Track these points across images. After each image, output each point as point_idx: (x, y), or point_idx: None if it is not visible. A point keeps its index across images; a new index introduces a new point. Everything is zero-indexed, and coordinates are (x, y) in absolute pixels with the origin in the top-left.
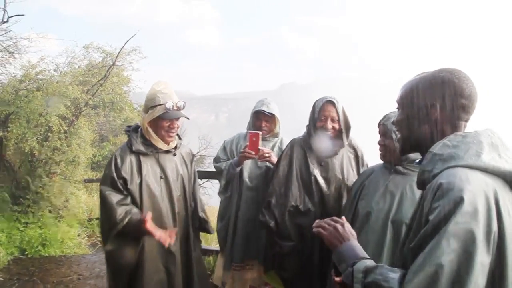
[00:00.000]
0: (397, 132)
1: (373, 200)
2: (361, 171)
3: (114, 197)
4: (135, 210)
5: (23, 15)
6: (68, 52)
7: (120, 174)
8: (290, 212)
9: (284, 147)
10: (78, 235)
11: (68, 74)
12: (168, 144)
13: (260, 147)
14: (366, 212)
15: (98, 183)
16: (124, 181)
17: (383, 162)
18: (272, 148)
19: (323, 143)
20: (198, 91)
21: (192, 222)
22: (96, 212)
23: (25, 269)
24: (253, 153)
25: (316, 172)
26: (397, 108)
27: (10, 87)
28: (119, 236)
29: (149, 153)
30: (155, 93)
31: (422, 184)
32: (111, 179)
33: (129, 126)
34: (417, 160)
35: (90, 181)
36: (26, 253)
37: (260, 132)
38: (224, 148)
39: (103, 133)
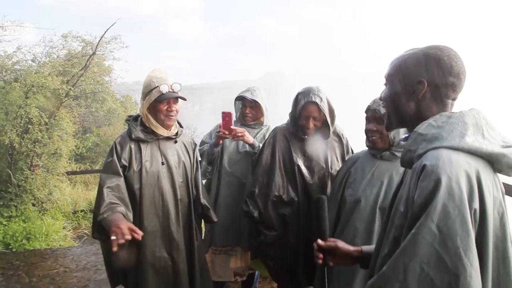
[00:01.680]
0: (383, 109)
1: (360, 188)
2: (347, 158)
3: (109, 187)
4: (119, 208)
5: None
6: (46, 42)
7: (120, 161)
8: (273, 201)
9: None
10: (63, 228)
11: (46, 64)
12: (169, 130)
13: (232, 127)
14: (354, 200)
15: (82, 175)
16: (124, 168)
17: (368, 148)
18: (257, 137)
19: (316, 146)
20: (181, 81)
21: (194, 209)
22: (81, 205)
23: (10, 263)
24: (227, 132)
25: (300, 162)
26: (384, 84)
27: None
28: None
29: (149, 140)
30: (150, 79)
31: (407, 162)
32: (111, 166)
33: (129, 116)
34: (403, 137)
35: (74, 173)
36: (10, 247)
37: (231, 112)
38: (210, 133)
39: (86, 125)
